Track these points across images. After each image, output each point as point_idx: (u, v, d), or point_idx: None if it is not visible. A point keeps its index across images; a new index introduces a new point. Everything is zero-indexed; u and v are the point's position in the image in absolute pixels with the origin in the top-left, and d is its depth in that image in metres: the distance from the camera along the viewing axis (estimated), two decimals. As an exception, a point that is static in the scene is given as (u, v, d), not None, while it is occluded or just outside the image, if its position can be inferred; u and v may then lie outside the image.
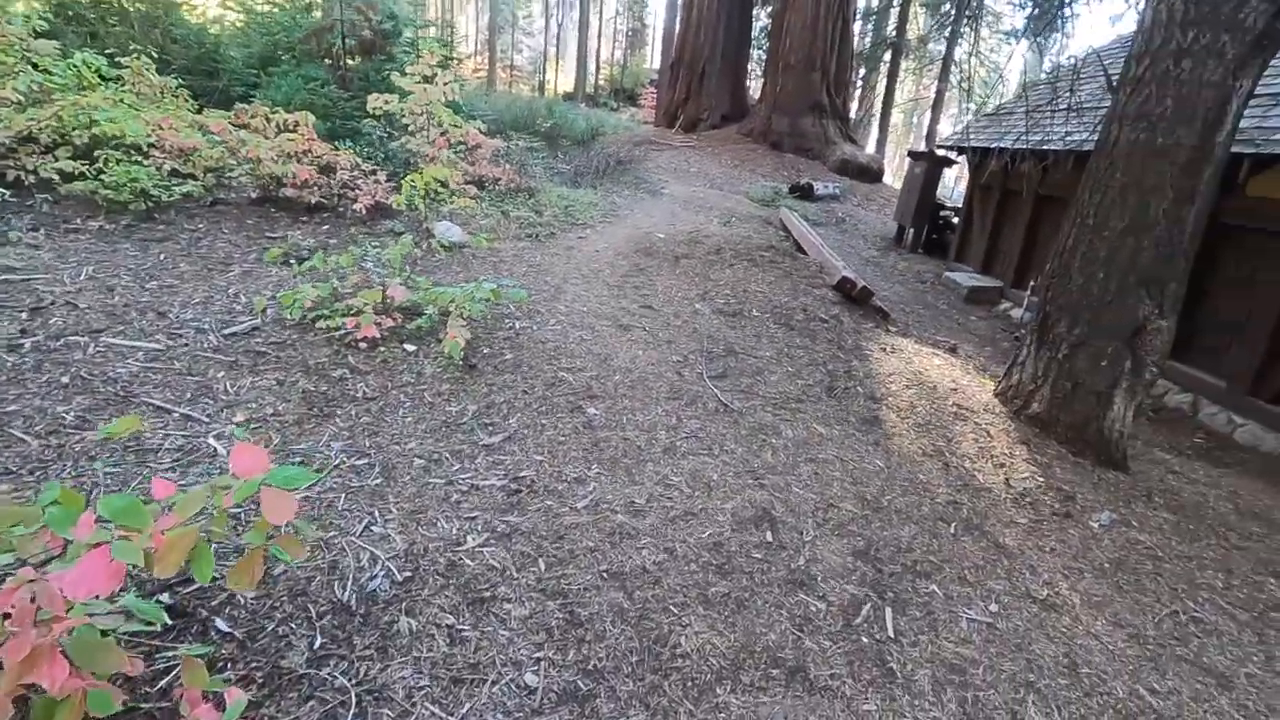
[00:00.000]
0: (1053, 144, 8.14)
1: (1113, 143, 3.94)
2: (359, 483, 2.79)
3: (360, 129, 7.68)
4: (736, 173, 16.01)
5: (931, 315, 8.04)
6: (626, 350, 4.44)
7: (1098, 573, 3.06)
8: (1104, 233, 3.96)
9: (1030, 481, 3.69)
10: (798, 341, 5.01)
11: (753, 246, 6.87)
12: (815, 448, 3.62)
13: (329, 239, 5.80)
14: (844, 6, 17.93)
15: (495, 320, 4.60)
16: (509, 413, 3.50)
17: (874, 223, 14.03)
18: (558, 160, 10.74)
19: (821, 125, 18.29)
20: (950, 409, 4.35)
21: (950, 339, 6.60)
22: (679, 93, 21.26)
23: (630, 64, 42.24)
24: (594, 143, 13.51)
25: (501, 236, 6.60)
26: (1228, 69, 3.55)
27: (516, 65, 42.06)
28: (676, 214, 9.49)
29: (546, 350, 4.27)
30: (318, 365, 3.66)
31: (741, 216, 10.39)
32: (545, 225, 7.09)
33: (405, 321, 4.20)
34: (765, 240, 7.50)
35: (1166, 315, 3.92)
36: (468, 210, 6.67)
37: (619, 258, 6.35)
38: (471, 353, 4.07)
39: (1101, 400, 4.04)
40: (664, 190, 11.16)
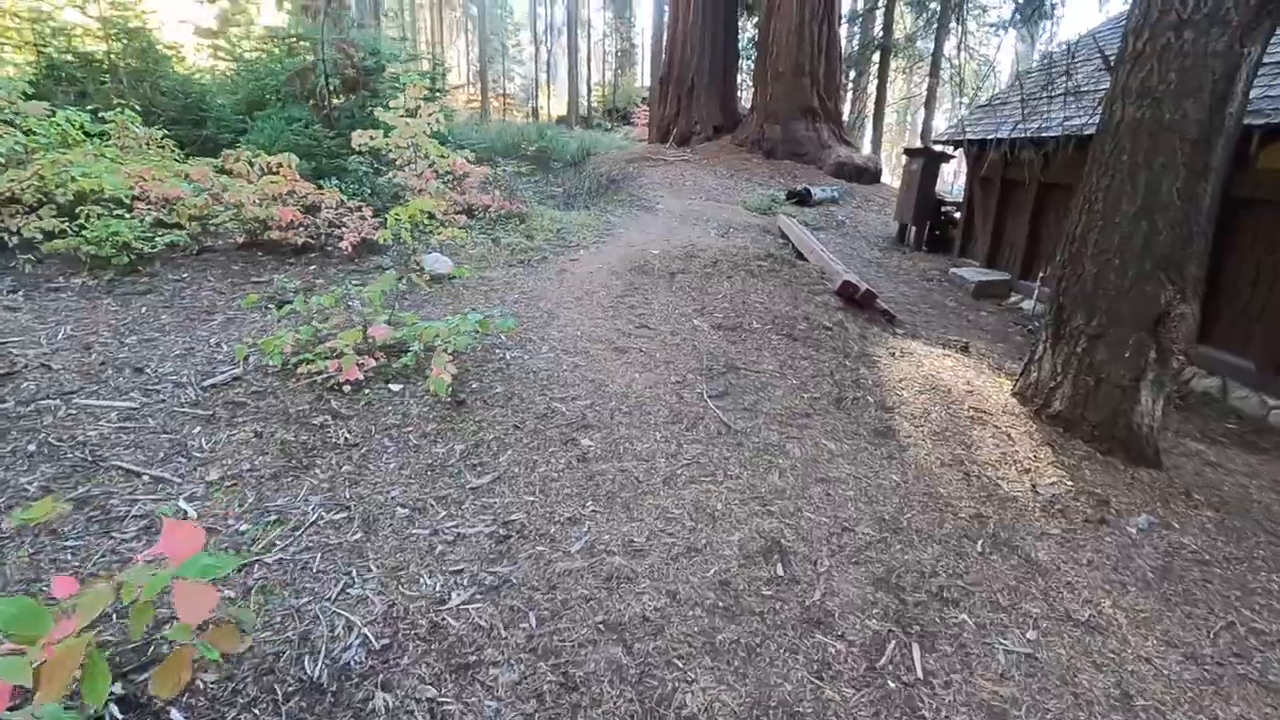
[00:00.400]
0: (1052, 130, 7.92)
1: (1116, 123, 3.73)
2: (337, 539, 2.60)
3: (346, 166, 7.60)
4: (732, 183, 15.86)
5: (940, 314, 7.79)
6: (622, 374, 4.24)
7: (1142, 585, 2.80)
8: (1115, 218, 3.73)
9: (1059, 486, 3.44)
10: (801, 352, 4.80)
11: (750, 256, 6.68)
12: (825, 466, 3.39)
13: (316, 279, 5.67)
14: (829, 11, 17.85)
15: (485, 352, 4.43)
16: (499, 450, 3.31)
17: (875, 223, 13.81)
18: (550, 184, 10.64)
19: (815, 130, 18.15)
20: (967, 413, 4.11)
21: (961, 337, 6.35)
22: (670, 108, 21.23)
23: (621, 83, 42.47)
24: (586, 163, 13.43)
25: (492, 264, 6.45)
26: (1233, 36, 3.34)
27: (509, 93, 42.43)
28: (672, 229, 9.33)
29: (539, 380, 4.09)
30: (299, 413, 3.49)
31: (738, 226, 10.22)
32: (537, 250, 6.94)
33: (390, 360, 4.04)
34: (763, 249, 7.30)
35: (1189, 300, 3.68)
36: (457, 240, 6.54)
37: (613, 278, 6.17)
38: (460, 388, 3.89)
39: (1127, 394, 3.79)
40: (658, 205, 11.01)
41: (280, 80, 8.71)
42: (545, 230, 7.67)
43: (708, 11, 19.98)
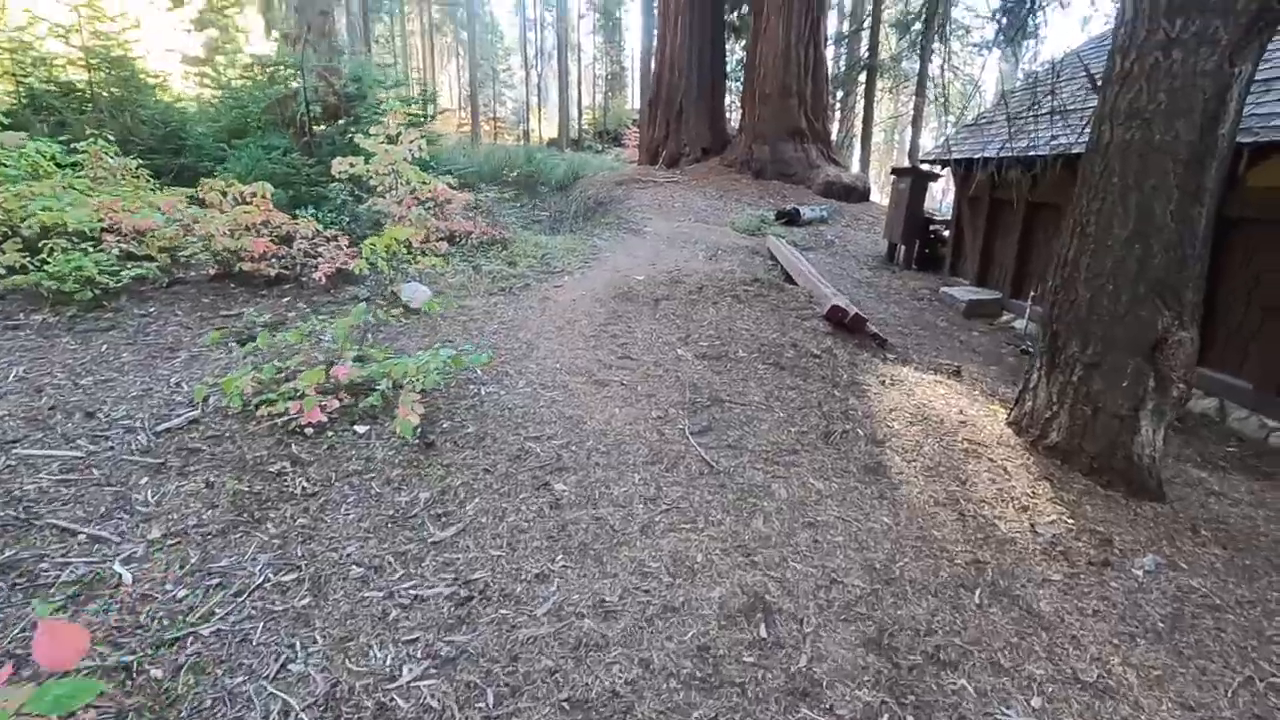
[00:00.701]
0: (1038, 149, 7.83)
1: (1105, 144, 3.60)
2: (283, 604, 2.39)
3: (326, 194, 7.44)
4: (721, 204, 15.79)
5: (931, 335, 7.65)
6: (602, 409, 4.05)
7: (1152, 637, 2.60)
8: (1107, 241, 3.58)
9: (1059, 525, 3.25)
10: (788, 382, 4.62)
11: (736, 281, 6.52)
12: (813, 508, 3.19)
13: (289, 311, 5.48)
14: (814, 33, 17.94)
15: (459, 387, 4.23)
16: (466, 498, 3.10)
17: (864, 242, 13.73)
18: (537, 208, 10.51)
19: (803, 150, 18.15)
20: (960, 446, 3.93)
21: (953, 360, 6.20)
22: (659, 130, 21.26)
23: (612, 106, 42.75)
24: (574, 186, 13.34)
25: (472, 293, 6.27)
26: (1223, 55, 3.22)
27: (500, 117, 42.62)
28: (659, 252, 9.19)
29: (514, 417, 3.89)
30: (255, 460, 3.28)
31: (727, 249, 10.09)
32: (519, 277, 6.78)
33: (357, 399, 3.84)
34: (750, 273, 7.16)
35: (1187, 325, 3.52)
36: (436, 269, 6.36)
37: (596, 305, 6.00)
38: (430, 428, 3.69)
39: (1126, 425, 3.62)
40: (646, 228, 10.89)
41: (261, 108, 8.59)
42: (529, 256, 7.51)
43: (695, 35, 20.08)
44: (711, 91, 20.83)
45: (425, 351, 4.02)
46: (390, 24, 39.13)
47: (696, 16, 20.00)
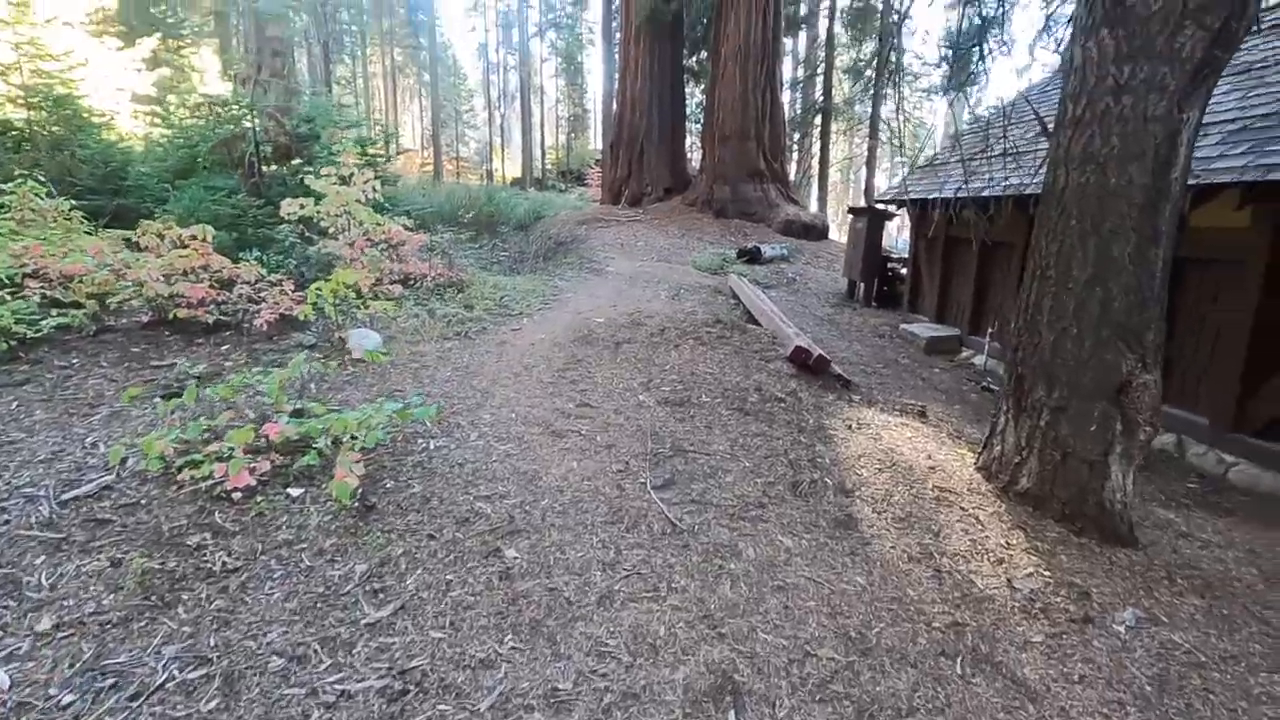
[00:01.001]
0: (991, 190, 7.99)
1: (1061, 188, 3.58)
2: (186, 709, 2.08)
3: (273, 236, 7.16)
4: (683, 242, 15.86)
5: (894, 373, 7.62)
6: (559, 463, 3.82)
7: (1141, 702, 2.45)
8: (1068, 284, 3.54)
9: (1036, 579, 3.11)
10: (754, 428, 4.45)
11: (699, 322, 6.40)
12: (782, 570, 2.99)
13: (226, 361, 5.14)
14: (770, 79, 18.39)
15: (406, 442, 3.96)
16: (407, 569, 2.82)
17: (824, 280, 13.86)
18: (496, 248, 10.34)
19: (763, 190, 18.44)
20: (931, 493, 3.79)
21: (917, 400, 6.13)
22: (621, 170, 21.43)
23: (575, 146, 43.21)
24: (536, 225, 13.23)
25: (426, 338, 6.02)
26: (1172, 102, 3.23)
27: (463, 157, 42.68)
28: (621, 291, 9.06)
29: (464, 474, 3.63)
30: (172, 531, 2.96)
31: (689, 288, 10.02)
32: (476, 320, 6.55)
33: (292, 458, 3.54)
34: (712, 314, 7.05)
35: (1150, 368, 3.47)
36: (388, 313, 6.10)
37: (555, 349, 5.80)
38: (371, 488, 3.41)
39: (1096, 470, 3.53)
40: (608, 267, 10.79)
41: (208, 148, 8.30)
42: (486, 298, 7.29)
43: (655, 79, 20.44)
44: (672, 133, 21.14)
45: (370, 404, 3.76)
46: (352, 65, 39.13)
47: (656, 62, 20.39)
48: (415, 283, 7.28)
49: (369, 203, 7.60)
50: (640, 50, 20.38)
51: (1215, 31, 3.13)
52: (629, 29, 20.77)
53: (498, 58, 43.33)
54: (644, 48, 20.32)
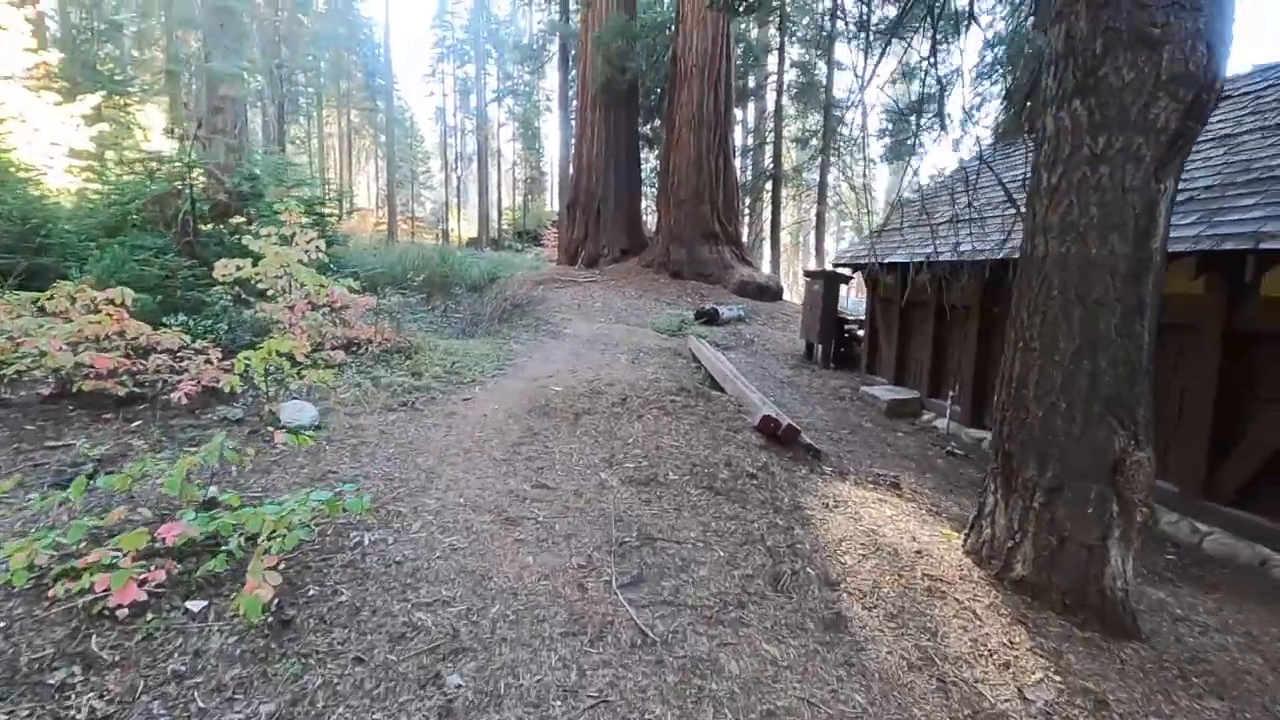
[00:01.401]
0: (945, 255, 8.06)
1: (1041, 257, 3.44)
2: None
3: (205, 300, 6.61)
4: (641, 303, 15.73)
5: (860, 439, 7.41)
6: (512, 559, 3.36)
7: None
8: (1054, 356, 3.36)
9: (1048, 687, 2.77)
10: (726, 510, 4.09)
11: (662, 390, 6.08)
12: (771, 689, 2.58)
13: (137, 440, 4.55)
14: (722, 145, 18.86)
15: (337, 536, 3.45)
16: (326, 707, 2.31)
17: (782, 341, 13.83)
18: (449, 310, 9.92)
19: (718, 252, 18.63)
20: (921, 583, 3.46)
21: (888, 470, 5.89)
22: (578, 231, 21.45)
23: (531, 207, 43.52)
24: (491, 286, 12.88)
25: (368, 409, 5.52)
26: (1148, 172, 3.15)
27: (419, 216, 42.44)
28: (580, 355, 8.73)
29: (402, 575, 3.14)
30: (33, 665, 2.39)
31: (649, 350, 9.76)
32: (424, 389, 6.07)
33: (196, 563, 3.00)
34: (675, 380, 6.75)
35: (1143, 444, 3.28)
36: (327, 383, 5.60)
37: (510, 421, 5.37)
38: (291, 597, 2.89)
39: (1095, 555, 3.27)
40: (566, 330, 10.47)
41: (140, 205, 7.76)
42: (436, 365, 6.84)
43: (611, 144, 20.75)
44: (629, 196, 21.37)
45: (297, 492, 3.26)
46: (307, 126, 38.92)
47: (612, 127, 20.75)
48: (360, 348, 6.79)
49: (312, 264, 7.16)
50: (596, 116, 20.73)
51: (1188, 104, 3.07)
52: (585, 95, 21.17)
53: (455, 121, 43.81)
54: (600, 114, 20.68)
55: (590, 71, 20.56)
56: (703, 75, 18.33)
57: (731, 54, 19.21)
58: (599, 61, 19.91)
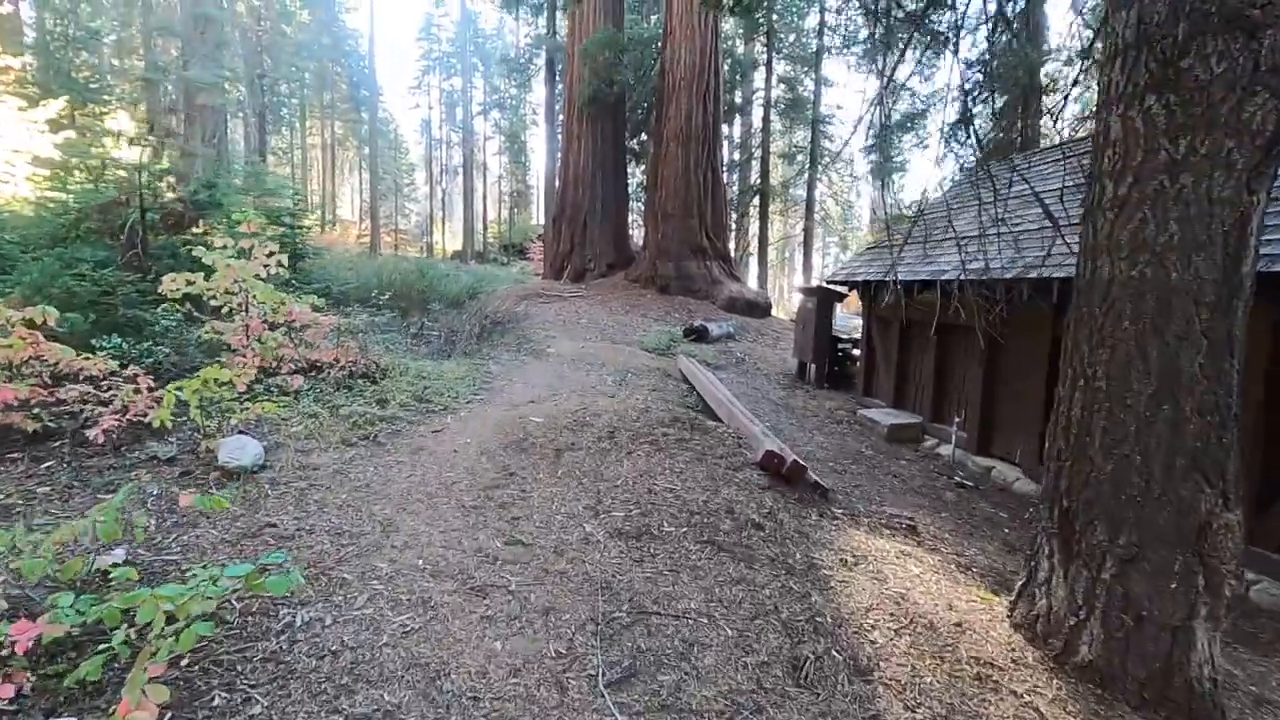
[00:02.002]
0: (948, 274, 7.56)
1: (1106, 281, 2.89)
2: None
3: (148, 319, 5.92)
4: (628, 319, 15.14)
5: (864, 469, 6.85)
6: (477, 644, 2.72)
7: None
8: (1126, 400, 2.80)
9: (1147, 821, 2.18)
10: (732, 570, 3.47)
11: (654, 421, 5.46)
12: (807, 844, 1.97)
13: (42, 486, 3.86)
14: (711, 159, 18.39)
15: (260, 617, 2.79)
16: None
17: (773, 359, 13.29)
18: (426, 328, 9.26)
19: (706, 267, 18.11)
20: (969, 669, 2.86)
21: (900, 508, 5.32)
22: (564, 245, 20.85)
23: (517, 220, 42.91)
24: (472, 302, 12.23)
25: (324, 444, 4.85)
26: (1240, 181, 2.62)
27: (403, 229, 41.63)
28: (563, 377, 8.10)
29: (336, 674, 2.49)
30: None
31: (637, 371, 9.15)
32: (389, 420, 5.41)
33: (70, 663, 2.33)
34: (666, 408, 6.14)
35: (1232, 505, 2.73)
36: (278, 414, 4.93)
37: (483, 458, 4.73)
38: (187, 712, 2.24)
39: (1180, 638, 2.70)
40: (549, 349, 9.83)
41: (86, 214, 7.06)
42: (406, 390, 6.17)
43: (598, 157, 20.24)
44: (616, 209, 20.83)
45: (202, 572, 2.60)
46: (290, 137, 38.08)
47: (599, 140, 20.24)
48: (322, 372, 6.11)
49: (272, 279, 6.50)
50: (583, 128, 20.22)
51: (1290, 99, 2.54)
52: (572, 108, 20.66)
53: (441, 134, 43.18)
54: (586, 127, 20.17)
55: (577, 84, 20.07)
56: (691, 88, 17.89)
57: (720, 68, 18.82)
58: (586, 73, 19.42)
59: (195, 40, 25.49)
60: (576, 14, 20.29)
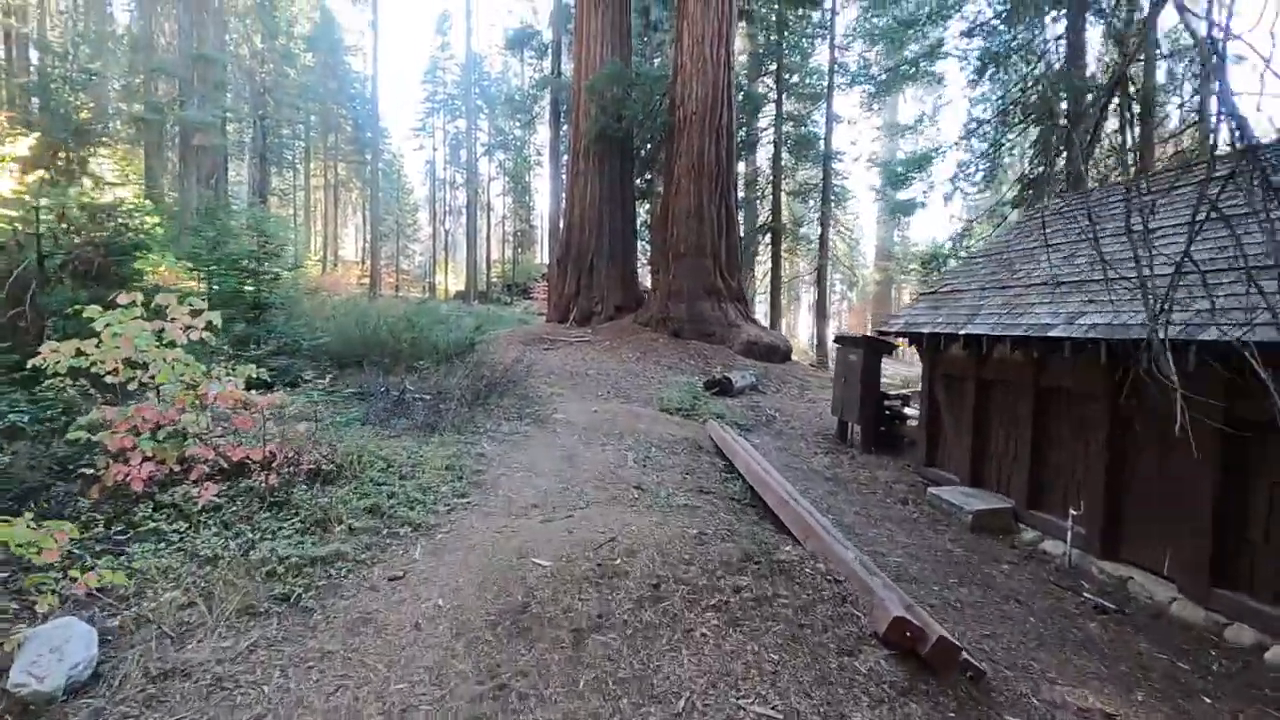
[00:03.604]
0: (1056, 329, 5.83)
1: None
2: None
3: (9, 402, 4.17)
4: (640, 368, 13.41)
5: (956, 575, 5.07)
6: None
7: None
8: None
9: None
10: None
11: (715, 562, 3.64)
12: None
13: None
14: (724, 195, 16.89)
15: None
16: None
17: (805, 415, 11.52)
18: (408, 394, 7.49)
19: (721, 309, 16.45)
20: None
21: (1068, 680, 3.51)
22: (570, 287, 19.23)
23: (521, 260, 41.55)
24: (471, 353, 10.48)
25: (215, 617, 3.04)
26: None
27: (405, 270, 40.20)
28: (576, 459, 6.31)
29: None
30: None
31: (664, 444, 7.38)
32: (325, 560, 3.58)
33: None
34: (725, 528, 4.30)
35: None
36: (148, 567, 3.13)
37: (460, 644, 2.91)
38: None
39: None
40: (556, 415, 8.06)
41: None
42: (362, 498, 4.36)
43: (606, 195, 18.78)
44: (624, 250, 19.30)
45: None
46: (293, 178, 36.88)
47: (606, 178, 18.82)
48: (250, 475, 4.33)
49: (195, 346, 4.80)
50: (589, 166, 18.78)
51: None
52: (578, 145, 19.25)
53: (445, 174, 42.05)
54: (593, 165, 18.75)
55: (583, 120, 18.70)
56: (703, 123, 16.47)
57: (733, 101, 17.42)
58: (593, 109, 18.05)
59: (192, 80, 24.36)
60: (582, 50, 19.05)
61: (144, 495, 3.83)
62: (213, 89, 24.41)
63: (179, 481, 4.06)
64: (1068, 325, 5.77)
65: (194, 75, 24.12)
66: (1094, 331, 5.44)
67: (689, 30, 16.65)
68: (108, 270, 5.54)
